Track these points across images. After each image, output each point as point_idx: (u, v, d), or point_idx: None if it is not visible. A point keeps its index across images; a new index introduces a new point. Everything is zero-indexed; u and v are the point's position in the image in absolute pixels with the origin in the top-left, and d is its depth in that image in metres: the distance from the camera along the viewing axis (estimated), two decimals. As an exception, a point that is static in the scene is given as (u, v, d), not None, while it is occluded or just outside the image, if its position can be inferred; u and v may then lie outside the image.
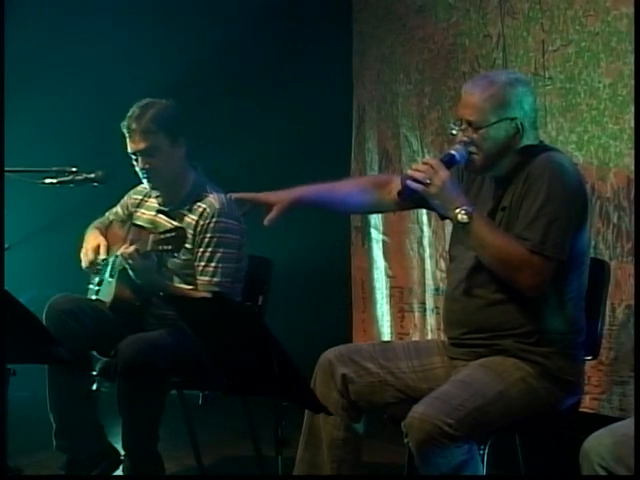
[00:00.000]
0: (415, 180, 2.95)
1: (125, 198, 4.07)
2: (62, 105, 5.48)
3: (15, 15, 5.09)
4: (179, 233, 3.61)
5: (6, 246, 3.61)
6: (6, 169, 3.66)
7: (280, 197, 3.24)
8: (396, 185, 3.21)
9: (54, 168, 3.73)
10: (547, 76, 4.26)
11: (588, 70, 4.09)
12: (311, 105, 5.35)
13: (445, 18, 4.80)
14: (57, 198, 4.54)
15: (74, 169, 3.72)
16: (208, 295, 3.68)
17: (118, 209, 4.08)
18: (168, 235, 3.61)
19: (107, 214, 4.10)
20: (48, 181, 3.71)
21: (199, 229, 3.76)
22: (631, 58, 3.82)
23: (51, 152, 4.36)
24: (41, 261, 5.47)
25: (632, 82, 3.83)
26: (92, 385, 3.84)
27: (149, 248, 3.61)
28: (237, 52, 5.59)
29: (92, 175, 3.71)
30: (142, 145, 3.73)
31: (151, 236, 3.64)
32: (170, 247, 3.59)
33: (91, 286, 3.97)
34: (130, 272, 3.67)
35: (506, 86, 3.02)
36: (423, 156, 4.90)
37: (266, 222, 3.21)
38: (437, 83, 4.84)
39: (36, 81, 5.48)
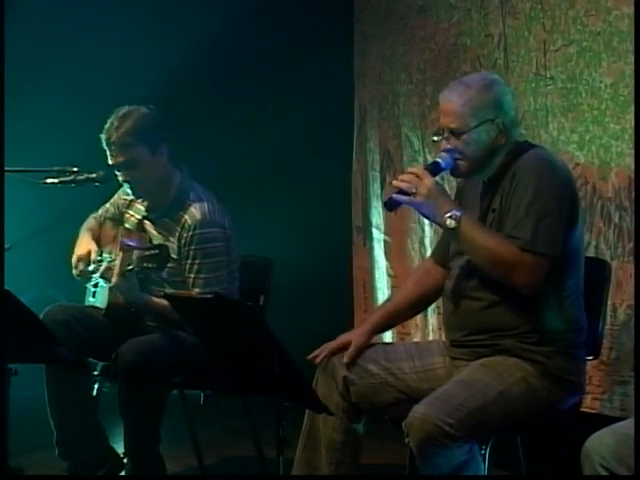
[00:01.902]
0: (401, 191, 2.95)
1: (115, 197, 4.05)
2: (63, 105, 5.48)
3: (16, 14, 5.10)
4: (162, 252, 3.60)
5: (7, 246, 3.61)
6: (8, 169, 3.66)
7: (354, 335, 3.27)
8: (434, 269, 3.29)
9: (55, 168, 3.72)
10: (548, 76, 4.26)
11: (589, 70, 4.08)
12: (312, 105, 5.35)
13: (446, 18, 4.80)
14: (58, 198, 4.54)
15: (75, 169, 3.71)
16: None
17: (110, 207, 4.06)
18: (152, 252, 3.60)
19: (100, 211, 4.08)
20: (50, 181, 3.70)
21: (183, 241, 3.74)
22: (632, 58, 3.82)
23: (52, 152, 4.36)
24: (43, 261, 5.47)
25: (633, 82, 3.82)
26: (92, 389, 3.84)
27: (133, 265, 3.60)
28: (238, 52, 5.59)
29: (93, 175, 3.70)
30: (121, 159, 3.70)
31: (135, 252, 3.63)
32: (154, 265, 3.59)
33: (88, 286, 3.98)
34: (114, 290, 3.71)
35: (482, 89, 3.04)
36: (424, 156, 4.91)
37: (346, 359, 3.17)
38: (438, 83, 4.83)
39: (37, 81, 5.48)
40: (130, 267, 3.60)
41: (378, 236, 5.23)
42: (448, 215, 2.91)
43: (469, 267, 3.05)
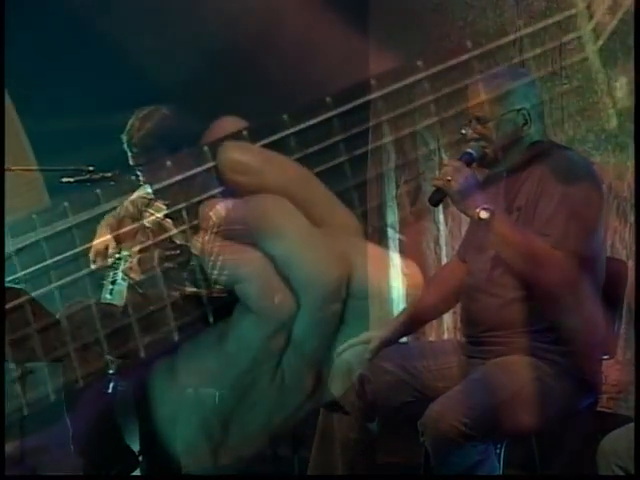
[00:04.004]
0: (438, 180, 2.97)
1: (135, 195, 4.05)
2: (78, 104, 5.49)
3: (32, 11, 5.11)
4: (183, 253, 3.60)
5: (18, 245, 3.61)
6: (23, 167, 3.67)
7: (378, 332, 3.26)
8: (459, 268, 3.28)
9: (71, 167, 3.73)
10: (564, 75, 4.24)
11: (605, 69, 4.06)
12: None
13: (461, 17, 4.79)
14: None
15: (91, 168, 3.72)
16: None
17: (129, 205, 4.06)
18: (173, 253, 3.61)
19: (118, 209, 4.09)
20: (65, 180, 3.71)
21: (207, 238, 3.74)
22: (631, 58, 3.80)
23: (67, 151, 4.36)
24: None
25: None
26: (108, 387, 3.85)
27: (155, 264, 3.61)
28: (248, 51, 5.59)
29: (109, 174, 3.71)
30: (142, 161, 3.72)
31: (157, 252, 3.63)
32: (174, 266, 3.60)
33: (105, 282, 3.99)
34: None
35: (510, 79, 3.05)
36: (440, 155, 4.90)
37: (367, 355, 3.17)
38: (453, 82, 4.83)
39: (48, 80, 5.49)
40: (151, 266, 3.62)
41: (393, 235, 5.22)
42: (481, 207, 2.92)
43: (489, 263, 3.06)
